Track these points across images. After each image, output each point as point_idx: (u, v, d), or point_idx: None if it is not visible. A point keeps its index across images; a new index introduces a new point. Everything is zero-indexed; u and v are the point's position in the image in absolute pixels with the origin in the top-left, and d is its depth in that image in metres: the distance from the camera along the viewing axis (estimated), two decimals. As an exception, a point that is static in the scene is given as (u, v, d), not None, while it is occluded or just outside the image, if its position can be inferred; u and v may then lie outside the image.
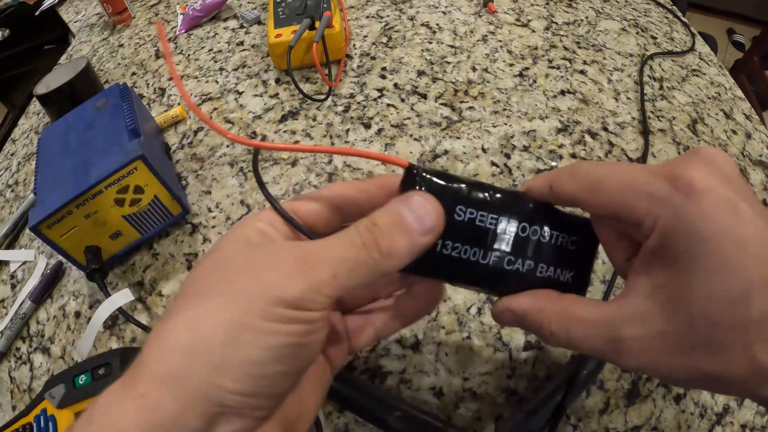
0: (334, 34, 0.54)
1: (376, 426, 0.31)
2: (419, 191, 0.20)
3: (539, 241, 0.22)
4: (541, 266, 0.22)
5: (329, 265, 0.18)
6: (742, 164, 0.46)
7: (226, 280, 0.18)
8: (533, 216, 0.22)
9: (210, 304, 0.17)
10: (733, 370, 0.16)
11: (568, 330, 0.19)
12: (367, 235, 0.19)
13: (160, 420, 0.15)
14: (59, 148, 0.42)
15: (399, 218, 0.19)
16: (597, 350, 0.19)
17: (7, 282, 0.47)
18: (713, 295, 0.16)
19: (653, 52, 0.57)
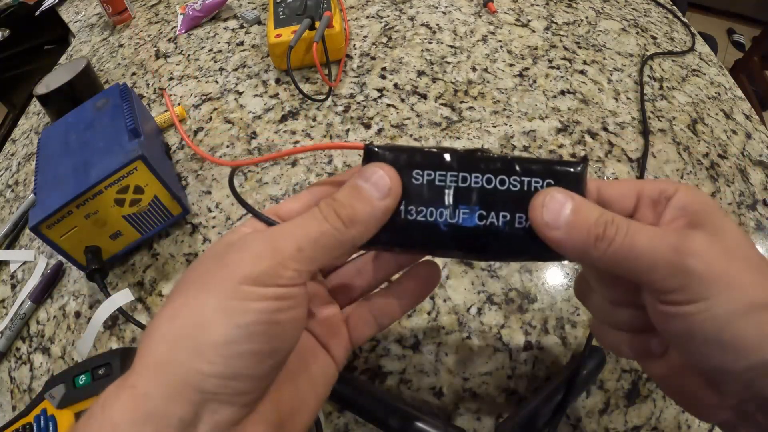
0: (334, 34, 0.54)
1: (376, 426, 0.31)
2: (373, 163, 0.21)
3: (509, 191, 0.21)
4: (519, 216, 0.20)
5: (293, 240, 0.18)
6: (742, 164, 0.46)
7: (204, 273, 0.18)
8: (497, 167, 0.21)
9: (188, 295, 0.18)
10: None
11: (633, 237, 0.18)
12: (327, 208, 0.19)
13: (148, 409, 0.16)
14: (59, 148, 0.42)
15: (355, 188, 0.20)
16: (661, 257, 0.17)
17: (7, 282, 0.47)
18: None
19: (653, 52, 0.57)
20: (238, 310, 0.17)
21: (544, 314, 0.37)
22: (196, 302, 0.17)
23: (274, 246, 0.18)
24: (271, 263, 0.18)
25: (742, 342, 0.16)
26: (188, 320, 0.17)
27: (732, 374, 0.17)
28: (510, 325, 0.37)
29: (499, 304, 0.38)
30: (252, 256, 0.18)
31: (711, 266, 0.17)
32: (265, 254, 0.18)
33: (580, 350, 0.35)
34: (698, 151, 0.47)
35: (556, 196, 0.19)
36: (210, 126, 0.55)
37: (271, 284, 0.17)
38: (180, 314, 0.17)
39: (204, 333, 0.16)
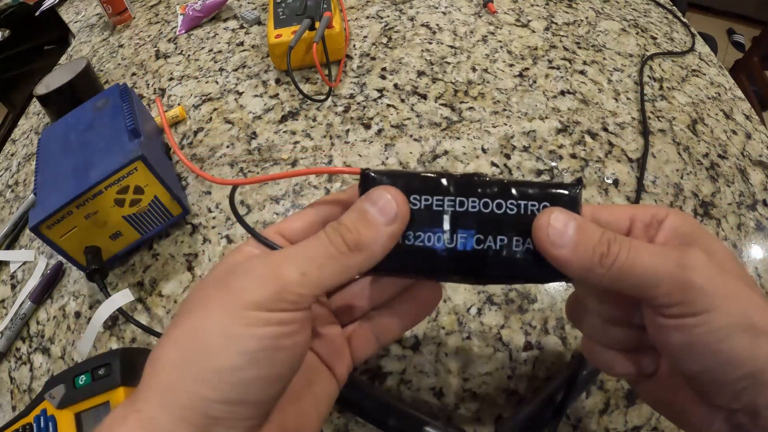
0: (334, 35, 0.54)
1: (376, 426, 0.31)
2: (379, 186, 0.21)
3: (506, 214, 0.21)
4: (517, 239, 0.21)
5: (297, 264, 0.18)
6: (742, 164, 0.46)
7: (207, 297, 0.18)
8: (494, 192, 0.21)
9: (192, 318, 0.18)
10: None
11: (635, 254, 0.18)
12: (333, 232, 0.19)
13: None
14: (59, 148, 0.42)
15: (362, 213, 0.20)
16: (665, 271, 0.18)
17: (7, 282, 0.47)
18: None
19: (653, 53, 0.57)
20: (242, 336, 0.17)
21: (544, 314, 0.37)
22: (201, 327, 0.17)
23: (278, 272, 0.18)
24: (275, 288, 0.17)
25: (737, 353, 0.17)
26: (193, 345, 0.17)
27: (726, 384, 0.18)
28: (510, 326, 0.37)
29: (499, 305, 0.38)
30: (256, 281, 0.18)
31: (711, 280, 0.17)
32: (269, 279, 0.18)
33: (580, 350, 0.35)
34: (698, 152, 0.47)
35: (560, 216, 0.20)
36: (210, 126, 0.55)
37: (276, 309, 0.17)
38: (185, 338, 0.17)
39: (209, 359, 0.16)
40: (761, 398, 0.17)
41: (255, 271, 0.18)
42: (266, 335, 0.17)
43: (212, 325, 0.17)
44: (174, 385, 0.16)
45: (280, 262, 0.18)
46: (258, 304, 0.17)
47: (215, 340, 0.17)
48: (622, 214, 0.21)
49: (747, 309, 0.17)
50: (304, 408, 0.21)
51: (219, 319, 0.17)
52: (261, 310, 0.17)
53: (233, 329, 0.17)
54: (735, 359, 0.17)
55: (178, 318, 0.19)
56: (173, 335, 0.18)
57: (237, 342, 0.17)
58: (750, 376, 0.17)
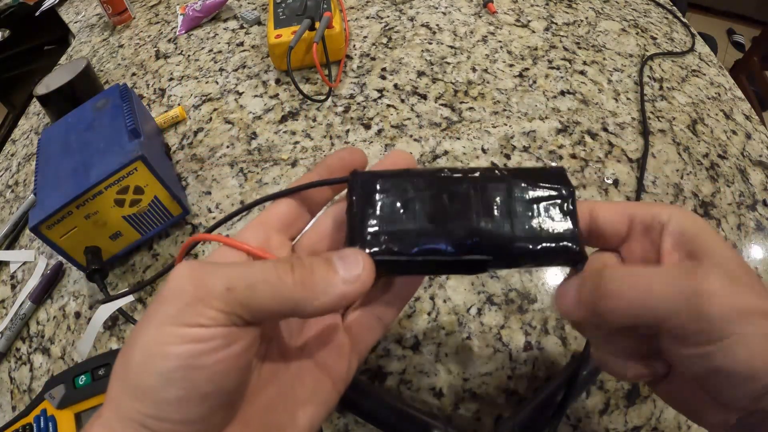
0: (334, 35, 0.54)
1: (376, 426, 0.31)
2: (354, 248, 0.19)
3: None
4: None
5: (225, 277, 0.17)
6: (742, 164, 0.46)
7: (150, 308, 0.17)
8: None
9: (134, 332, 0.17)
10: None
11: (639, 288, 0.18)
12: (285, 261, 0.18)
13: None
14: (59, 148, 0.42)
15: (326, 258, 0.18)
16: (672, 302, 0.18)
17: (7, 282, 0.47)
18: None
19: (653, 53, 0.57)
20: (157, 356, 0.16)
21: (544, 314, 0.37)
22: (133, 342, 0.17)
23: (202, 282, 0.17)
24: (192, 299, 0.16)
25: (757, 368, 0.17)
26: (126, 360, 0.17)
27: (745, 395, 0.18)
28: (510, 326, 0.37)
29: (499, 305, 0.38)
30: (178, 292, 0.17)
31: (726, 305, 0.17)
32: (191, 290, 0.16)
33: (580, 350, 0.35)
34: (698, 152, 0.47)
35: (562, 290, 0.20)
36: (210, 126, 0.55)
37: (191, 324, 0.16)
38: (124, 351, 0.17)
39: (134, 376, 0.16)
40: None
41: (181, 279, 0.17)
42: (181, 354, 0.16)
43: (140, 341, 0.16)
44: (117, 396, 0.16)
45: (207, 272, 0.17)
46: (173, 318, 0.16)
47: (138, 358, 0.16)
48: (621, 214, 0.21)
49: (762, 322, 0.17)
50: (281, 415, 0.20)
51: (145, 335, 0.16)
52: (177, 324, 0.16)
53: (152, 348, 0.16)
54: (755, 374, 0.17)
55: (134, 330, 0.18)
56: (123, 348, 0.17)
57: (153, 361, 0.16)
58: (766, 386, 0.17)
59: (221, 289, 0.16)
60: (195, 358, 0.16)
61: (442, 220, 0.20)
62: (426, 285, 0.39)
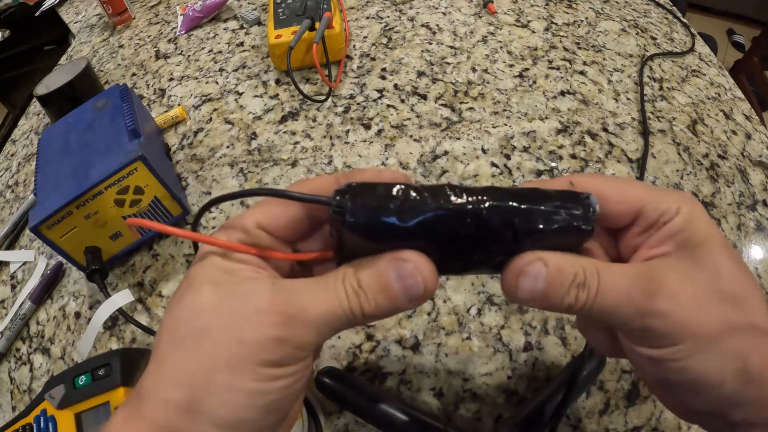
0: (334, 35, 0.54)
1: (376, 426, 0.31)
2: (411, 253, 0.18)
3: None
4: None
5: (315, 326, 0.18)
6: (742, 165, 0.46)
7: (209, 334, 0.17)
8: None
9: (199, 360, 0.17)
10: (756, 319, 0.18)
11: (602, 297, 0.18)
12: (353, 297, 0.18)
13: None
14: (59, 148, 0.42)
15: (386, 283, 0.18)
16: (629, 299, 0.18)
17: (7, 282, 0.47)
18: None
19: (653, 53, 0.57)
20: (260, 392, 0.17)
21: (544, 315, 0.37)
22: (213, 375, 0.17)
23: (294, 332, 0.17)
24: (291, 351, 0.18)
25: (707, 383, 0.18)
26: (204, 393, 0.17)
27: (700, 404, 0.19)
28: (510, 326, 0.37)
29: (499, 305, 0.38)
30: (270, 338, 0.17)
31: (676, 321, 0.17)
32: (284, 340, 0.17)
33: (580, 351, 0.35)
34: (698, 152, 0.47)
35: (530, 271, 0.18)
36: (210, 126, 0.55)
37: (288, 364, 0.18)
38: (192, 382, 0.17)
39: (223, 410, 0.17)
40: (736, 415, 0.18)
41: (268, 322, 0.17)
42: (280, 387, 0.17)
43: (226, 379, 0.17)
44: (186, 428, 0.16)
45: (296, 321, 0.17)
46: (274, 363, 0.17)
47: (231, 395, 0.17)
48: (632, 201, 0.20)
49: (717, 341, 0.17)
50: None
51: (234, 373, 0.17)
52: (276, 367, 0.17)
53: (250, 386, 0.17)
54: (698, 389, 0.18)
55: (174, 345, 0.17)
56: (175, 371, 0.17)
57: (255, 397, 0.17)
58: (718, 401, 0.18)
59: (313, 337, 0.18)
60: (290, 388, 0.18)
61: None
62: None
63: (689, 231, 0.19)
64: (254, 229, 0.19)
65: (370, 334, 0.37)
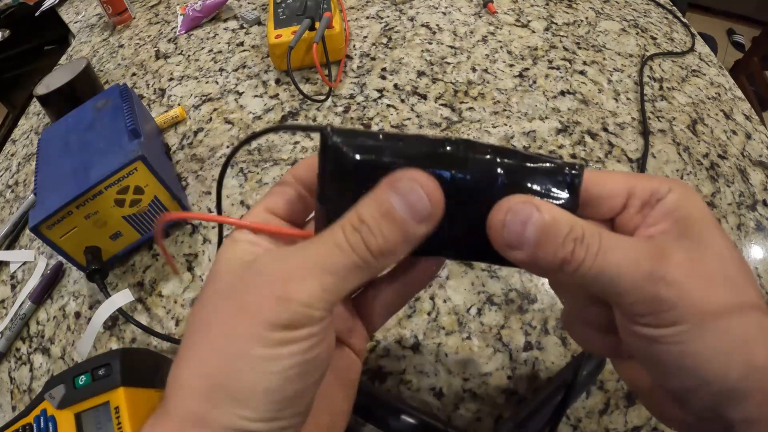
0: (334, 35, 0.54)
1: (376, 426, 0.31)
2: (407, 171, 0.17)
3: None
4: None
5: (317, 278, 0.17)
6: (742, 164, 0.46)
7: (222, 313, 0.17)
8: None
9: (213, 342, 0.17)
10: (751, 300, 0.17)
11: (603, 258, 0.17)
12: (354, 236, 0.17)
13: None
14: (59, 148, 0.42)
15: (387, 209, 0.17)
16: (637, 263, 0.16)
17: (7, 282, 0.47)
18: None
19: (653, 53, 0.57)
20: (272, 358, 0.16)
21: (544, 315, 0.37)
22: (224, 350, 0.16)
23: (297, 288, 0.16)
24: (296, 309, 0.16)
25: (709, 370, 0.16)
26: (218, 370, 0.16)
27: (696, 399, 0.17)
28: (510, 326, 0.37)
29: (499, 305, 0.38)
30: (274, 301, 0.16)
31: (685, 293, 0.16)
32: (288, 299, 0.16)
33: (580, 350, 0.35)
34: (698, 152, 0.47)
35: (518, 212, 0.17)
36: (210, 126, 0.55)
37: (301, 326, 0.16)
38: (209, 363, 0.17)
39: (240, 382, 0.16)
40: (735, 413, 0.16)
41: (271, 286, 0.17)
42: (295, 352, 0.16)
43: (235, 348, 0.16)
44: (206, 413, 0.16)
45: (295, 276, 0.17)
46: (281, 326, 0.16)
47: (243, 364, 0.16)
48: (620, 188, 0.19)
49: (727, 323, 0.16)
50: (334, 399, 0.21)
51: (242, 341, 0.16)
52: (285, 330, 0.16)
53: (261, 352, 0.16)
54: (703, 377, 0.16)
55: (194, 335, 0.18)
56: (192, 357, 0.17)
57: (268, 364, 0.16)
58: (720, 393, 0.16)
59: (319, 292, 0.17)
60: (308, 352, 0.17)
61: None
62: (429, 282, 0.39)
63: (686, 209, 0.18)
64: (264, 214, 0.20)
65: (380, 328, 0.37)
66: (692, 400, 0.17)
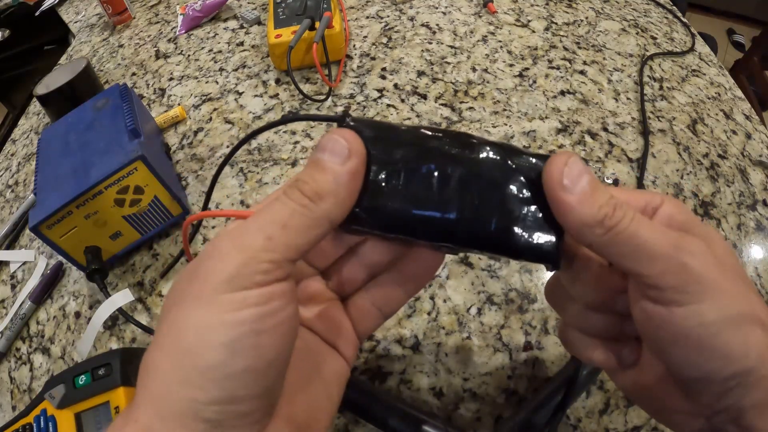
0: (334, 35, 0.54)
1: (376, 426, 0.31)
2: (327, 133, 0.19)
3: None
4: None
5: (259, 229, 0.17)
6: (742, 164, 0.46)
7: (181, 291, 0.17)
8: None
9: (171, 318, 0.16)
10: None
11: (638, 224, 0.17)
12: (289, 188, 0.18)
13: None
14: (59, 148, 0.42)
15: (314, 162, 0.18)
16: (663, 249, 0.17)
17: (7, 282, 0.47)
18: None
19: (653, 53, 0.57)
20: (218, 326, 0.15)
21: (544, 314, 0.37)
22: (178, 325, 0.16)
23: (241, 242, 0.16)
24: (240, 260, 0.16)
25: (728, 350, 0.16)
26: (174, 347, 0.16)
27: (713, 382, 0.17)
28: (510, 326, 0.37)
29: (499, 305, 0.38)
30: (221, 258, 0.16)
31: (707, 270, 0.17)
32: (233, 252, 0.16)
33: (580, 350, 0.35)
34: (698, 152, 0.47)
35: (577, 163, 0.18)
36: (210, 126, 0.55)
37: (249, 285, 0.16)
38: (167, 341, 0.16)
39: (190, 358, 0.15)
40: (747, 398, 0.17)
41: (218, 248, 0.16)
42: (245, 319, 0.15)
43: (188, 321, 0.16)
44: (164, 391, 0.15)
45: (241, 232, 0.17)
46: (227, 284, 0.15)
47: (192, 337, 0.15)
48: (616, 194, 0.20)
49: (742, 304, 0.17)
50: (314, 396, 0.20)
51: (193, 313, 0.16)
52: (233, 290, 0.15)
53: (208, 320, 0.15)
54: (725, 356, 0.17)
55: (160, 319, 0.17)
56: (158, 338, 0.17)
57: (214, 334, 0.15)
58: (739, 375, 0.17)
59: (262, 241, 0.16)
60: (260, 322, 0.16)
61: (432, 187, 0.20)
62: (426, 285, 0.39)
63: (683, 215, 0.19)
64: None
65: (370, 334, 0.37)
66: (705, 388, 0.17)
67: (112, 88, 0.47)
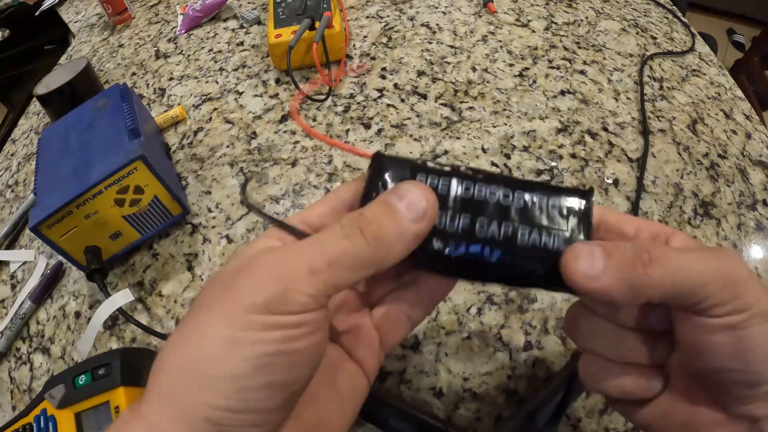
0: (334, 35, 0.54)
1: (375, 426, 0.31)
2: (409, 181, 0.19)
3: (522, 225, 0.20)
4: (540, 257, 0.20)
5: (306, 260, 0.17)
6: (742, 164, 0.46)
7: (213, 298, 0.17)
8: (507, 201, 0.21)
9: (197, 322, 0.17)
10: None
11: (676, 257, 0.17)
12: (349, 224, 0.17)
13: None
14: (59, 148, 0.42)
15: (387, 206, 0.18)
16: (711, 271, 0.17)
17: (7, 282, 0.47)
18: None
19: (653, 53, 0.57)
20: (245, 341, 0.16)
21: (544, 314, 0.37)
22: (204, 331, 0.16)
23: (284, 269, 0.16)
24: (278, 290, 0.16)
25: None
26: (195, 350, 0.16)
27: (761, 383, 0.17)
28: (510, 325, 0.37)
29: (499, 304, 0.38)
30: (259, 281, 0.16)
31: (751, 277, 0.17)
32: (273, 279, 0.16)
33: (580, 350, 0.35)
34: (698, 151, 0.47)
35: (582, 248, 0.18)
36: (210, 126, 0.55)
37: (282, 312, 0.16)
38: (187, 343, 0.16)
39: (211, 365, 0.16)
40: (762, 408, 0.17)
41: (261, 269, 0.17)
42: (272, 339, 0.16)
43: (214, 329, 0.16)
44: (177, 391, 0.16)
45: (287, 258, 0.17)
46: (262, 308, 0.16)
47: (217, 346, 0.16)
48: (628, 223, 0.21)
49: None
50: (326, 410, 0.20)
51: (222, 323, 0.16)
52: (266, 313, 0.16)
53: (236, 334, 0.16)
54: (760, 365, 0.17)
55: (184, 320, 0.17)
56: (177, 338, 0.17)
57: (240, 347, 0.15)
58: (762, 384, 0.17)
59: (305, 274, 0.16)
60: (287, 343, 0.16)
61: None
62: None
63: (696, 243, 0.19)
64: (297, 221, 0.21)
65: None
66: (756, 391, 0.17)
67: (112, 88, 0.47)
